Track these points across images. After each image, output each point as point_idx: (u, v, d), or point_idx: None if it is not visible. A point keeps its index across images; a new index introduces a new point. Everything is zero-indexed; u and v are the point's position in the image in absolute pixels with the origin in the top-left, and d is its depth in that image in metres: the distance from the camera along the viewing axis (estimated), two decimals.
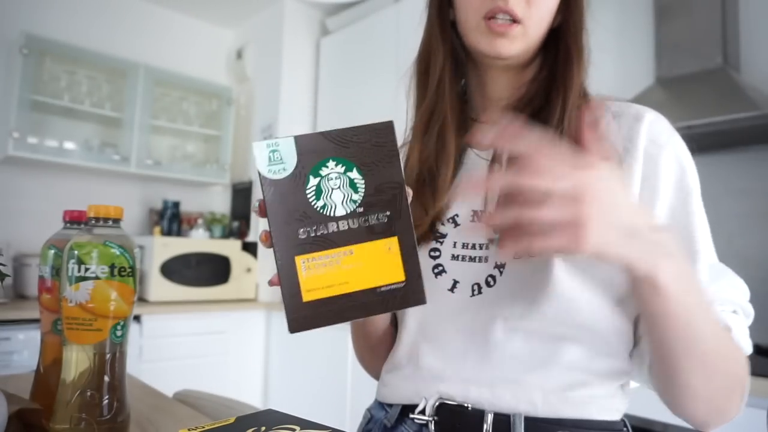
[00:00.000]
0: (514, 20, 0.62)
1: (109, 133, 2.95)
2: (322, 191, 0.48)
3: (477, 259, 0.64)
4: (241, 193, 3.37)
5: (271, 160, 0.48)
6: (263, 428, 0.47)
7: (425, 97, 0.72)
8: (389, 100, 2.69)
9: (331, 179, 0.48)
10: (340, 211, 0.48)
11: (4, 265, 0.67)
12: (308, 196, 0.48)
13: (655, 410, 1.34)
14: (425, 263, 0.67)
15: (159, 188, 3.22)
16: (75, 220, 0.70)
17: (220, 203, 3.47)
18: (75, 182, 2.93)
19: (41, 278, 0.68)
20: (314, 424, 0.49)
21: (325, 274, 0.47)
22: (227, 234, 3.24)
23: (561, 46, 0.66)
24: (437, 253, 0.67)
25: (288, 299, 0.47)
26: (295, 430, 0.47)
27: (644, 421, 1.35)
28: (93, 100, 2.82)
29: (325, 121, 3.14)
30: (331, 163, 0.48)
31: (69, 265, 0.57)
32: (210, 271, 2.86)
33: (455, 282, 0.65)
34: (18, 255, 2.56)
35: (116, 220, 0.61)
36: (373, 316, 0.70)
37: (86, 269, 0.57)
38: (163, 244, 2.73)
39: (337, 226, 0.48)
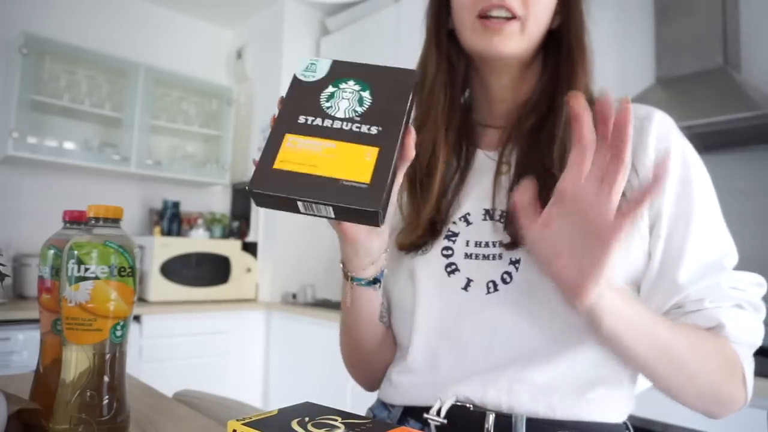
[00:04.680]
0: (512, 16, 0.62)
1: (109, 133, 2.95)
2: (333, 97, 0.54)
3: (491, 256, 0.64)
4: (241, 193, 3.37)
5: (307, 69, 0.56)
6: (307, 419, 0.48)
7: (419, 106, 0.73)
8: None
9: (345, 91, 0.55)
10: (340, 114, 0.53)
11: (3, 265, 0.67)
12: (321, 97, 0.54)
13: (656, 410, 1.34)
14: (438, 262, 0.67)
15: (159, 188, 3.21)
16: (75, 220, 0.70)
17: (220, 203, 3.47)
18: (75, 182, 2.93)
19: (41, 278, 0.68)
20: (352, 414, 0.50)
21: (302, 153, 0.51)
22: (227, 234, 3.24)
23: (563, 47, 0.66)
24: (450, 252, 0.67)
25: (261, 163, 0.52)
26: (336, 420, 0.48)
27: (644, 421, 1.35)
28: (93, 100, 2.82)
29: None
30: (351, 82, 0.55)
31: (69, 265, 0.57)
32: (210, 271, 2.86)
33: (469, 280, 0.65)
34: (18, 255, 2.56)
35: (116, 220, 0.61)
36: (366, 326, 0.71)
37: (86, 269, 0.57)
38: (163, 244, 2.73)
39: (332, 123, 0.53)
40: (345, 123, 0.52)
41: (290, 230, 3.05)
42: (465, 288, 0.65)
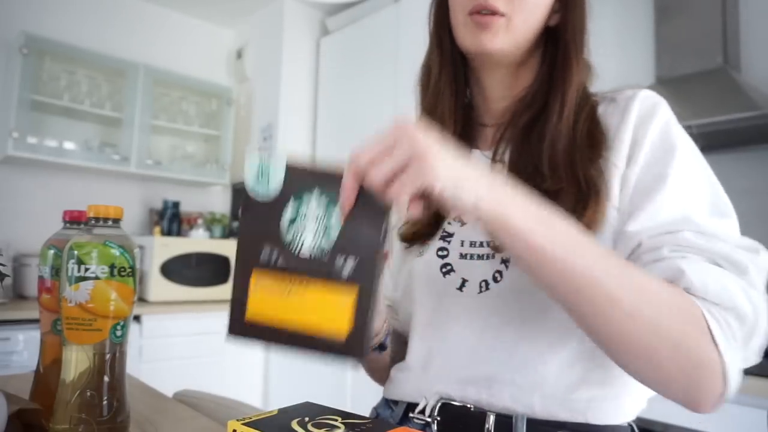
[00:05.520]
0: (497, 13, 0.63)
1: (109, 133, 2.95)
2: (296, 221, 0.47)
3: (485, 256, 0.64)
4: (241, 193, 3.35)
5: (259, 176, 0.47)
6: (307, 419, 0.48)
7: (424, 104, 0.74)
8: (389, 100, 2.69)
9: (310, 211, 0.47)
10: (306, 249, 0.47)
11: (4, 265, 0.67)
12: (282, 222, 0.48)
13: (656, 410, 1.34)
14: (434, 263, 0.68)
15: (159, 188, 3.21)
16: (75, 220, 0.70)
17: (220, 203, 3.47)
18: (75, 182, 2.92)
19: (41, 278, 0.68)
20: (352, 414, 0.50)
21: (272, 297, 0.48)
22: (227, 234, 3.24)
23: (560, 46, 0.66)
24: (445, 252, 0.67)
25: (234, 308, 0.49)
26: (336, 420, 0.48)
27: (644, 422, 1.35)
28: (93, 100, 2.82)
29: (324, 121, 3.14)
30: (316, 194, 0.47)
31: (69, 265, 0.57)
32: (210, 271, 2.86)
33: (464, 280, 0.65)
34: (18, 255, 2.56)
35: (116, 220, 0.61)
36: (378, 369, 0.75)
37: (86, 269, 0.57)
38: (163, 244, 2.73)
39: (299, 258, 0.47)
40: (315, 257, 0.47)
41: None
42: (460, 288, 0.65)
